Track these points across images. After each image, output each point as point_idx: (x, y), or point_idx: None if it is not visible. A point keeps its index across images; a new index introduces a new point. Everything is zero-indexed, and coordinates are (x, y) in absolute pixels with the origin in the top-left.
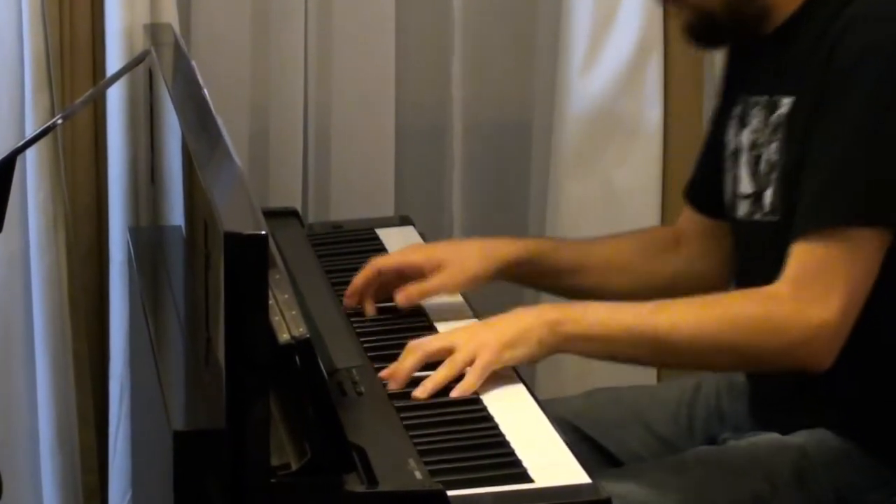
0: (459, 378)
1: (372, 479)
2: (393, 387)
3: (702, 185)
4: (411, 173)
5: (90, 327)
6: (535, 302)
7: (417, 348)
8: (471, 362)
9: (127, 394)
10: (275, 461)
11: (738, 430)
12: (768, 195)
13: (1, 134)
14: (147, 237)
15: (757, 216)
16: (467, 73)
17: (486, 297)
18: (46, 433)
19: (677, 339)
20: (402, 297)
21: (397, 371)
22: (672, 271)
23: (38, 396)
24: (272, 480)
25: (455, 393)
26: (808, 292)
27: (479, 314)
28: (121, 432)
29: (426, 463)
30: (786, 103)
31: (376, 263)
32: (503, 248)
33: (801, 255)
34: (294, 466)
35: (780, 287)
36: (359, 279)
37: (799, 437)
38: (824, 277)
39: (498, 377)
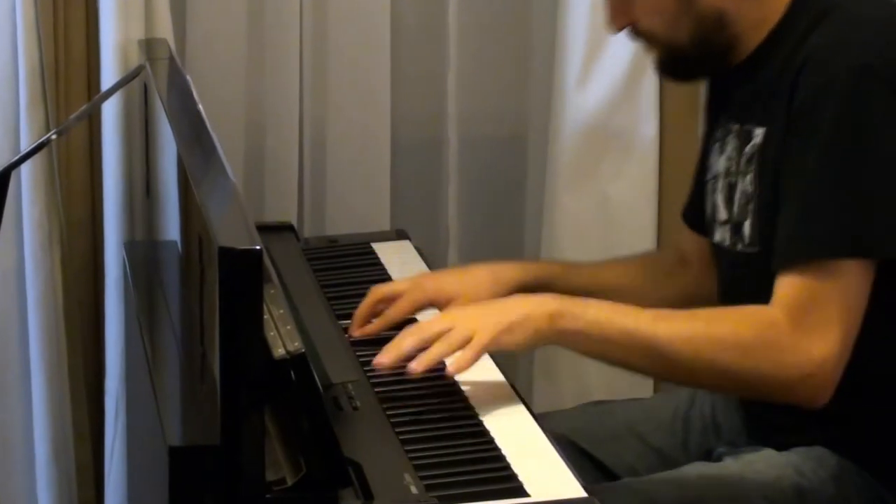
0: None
1: (368, 495)
2: (384, 361)
3: (695, 204)
4: (407, 187)
5: (85, 342)
6: None
7: (417, 330)
8: (467, 342)
9: (122, 409)
10: (270, 476)
11: (734, 445)
12: (747, 227)
13: None
14: (142, 252)
15: (739, 247)
16: (463, 87)
17: None
18: (42, 448)
19: (673, 352)
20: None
21: (393, 350)
22: (681, 293)
23: (33, 411)
24: (267, 496)
25: (450, 369)
26: (808, 324)
27: None
28: (116, 447)
29: (422, 478)
30: (758, 134)
31: (391, 320)
32: (512, 273)
33: (792, 286)
34: (289, 482)
35: (777, 315)
36: (364, 309)
37: (796, 455)
38: (821, 309)
39: (493, 391)
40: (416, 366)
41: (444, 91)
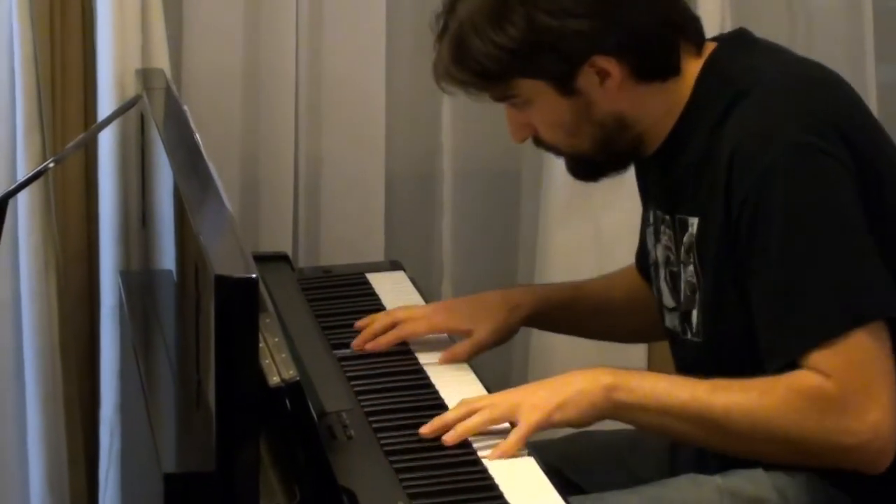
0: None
1: None
2: (425, 432)
3: (647, 262)
4: (401, 219)
5: (81, 370)
6: (524, 339)
7: (462, 404)
8: (510, 415)
9: (117, 437)
10: None
11: (722, 471)
12: (694, 316)
13: None
14: (138, 281)
15: (688, 335)
16: (457, 120)
17: None
18: (37, 476)
19: (731, 424)
20: (448, 358)
21: (437, 422)
22: None
23: (28, 439)
24: None
25: (494, 454)
26: (854, 391)
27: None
28: (111, 475)
29: None
30: (692, 224)
31: (403, 336)
32: (525, 298)
33: (823, 361)
34: None
35: (824, 383)
36: (385, 342)
37: (783, 479)
38: (861, 376)
39: None
40: (449, 437)
41: (438, 124)
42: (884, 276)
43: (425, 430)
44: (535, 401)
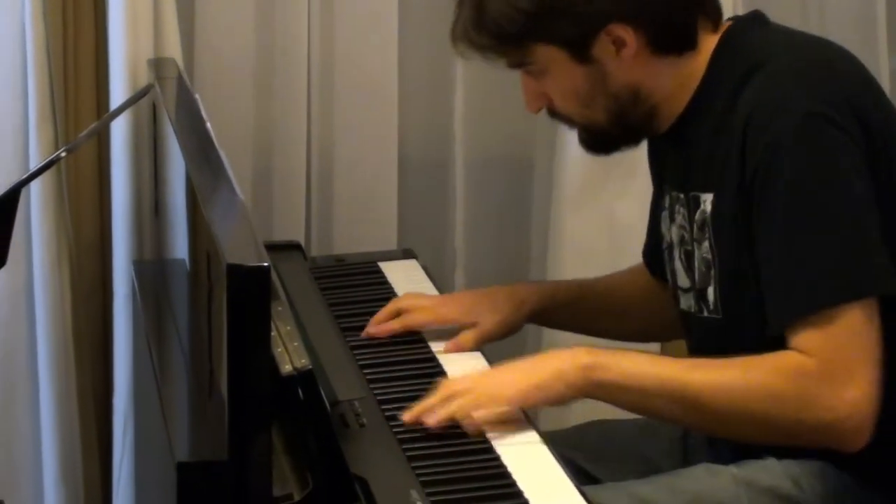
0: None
1: None
2: (407, 419)
3: (653, 250)
4: (414, 208)
5: (94, 360)
6: (536, 335)
7: (443, 388)
8: (493, 400)
9: (131, 426)
10: (277, 492)
11: (734, 457)
12: (710, 293)
13: (5, 167)
14: (151, 270)
15: (704, 313)
16: (469, 108)
17: None
18: (50, 466)
19: (708, 401)
20: (454, 347)
21: (417, 408)
22: None
23: (42, 429)
24: None
25: (466, 423)
26: (834, 370)
27: None
28: (124, 464)
29: (428, 494)
30: (706, 200)
31: (409, 324)
32: (532, 294)
33: (806, 338)
34: (296, 497)
35: (807, 362)
36: (386, 330)
37: (797, 467)
38: (841, 354)
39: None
40: (431, 420)
41: (450, 112)
42: (882, 252)
43: (406, 417)
44: (513, 381)
